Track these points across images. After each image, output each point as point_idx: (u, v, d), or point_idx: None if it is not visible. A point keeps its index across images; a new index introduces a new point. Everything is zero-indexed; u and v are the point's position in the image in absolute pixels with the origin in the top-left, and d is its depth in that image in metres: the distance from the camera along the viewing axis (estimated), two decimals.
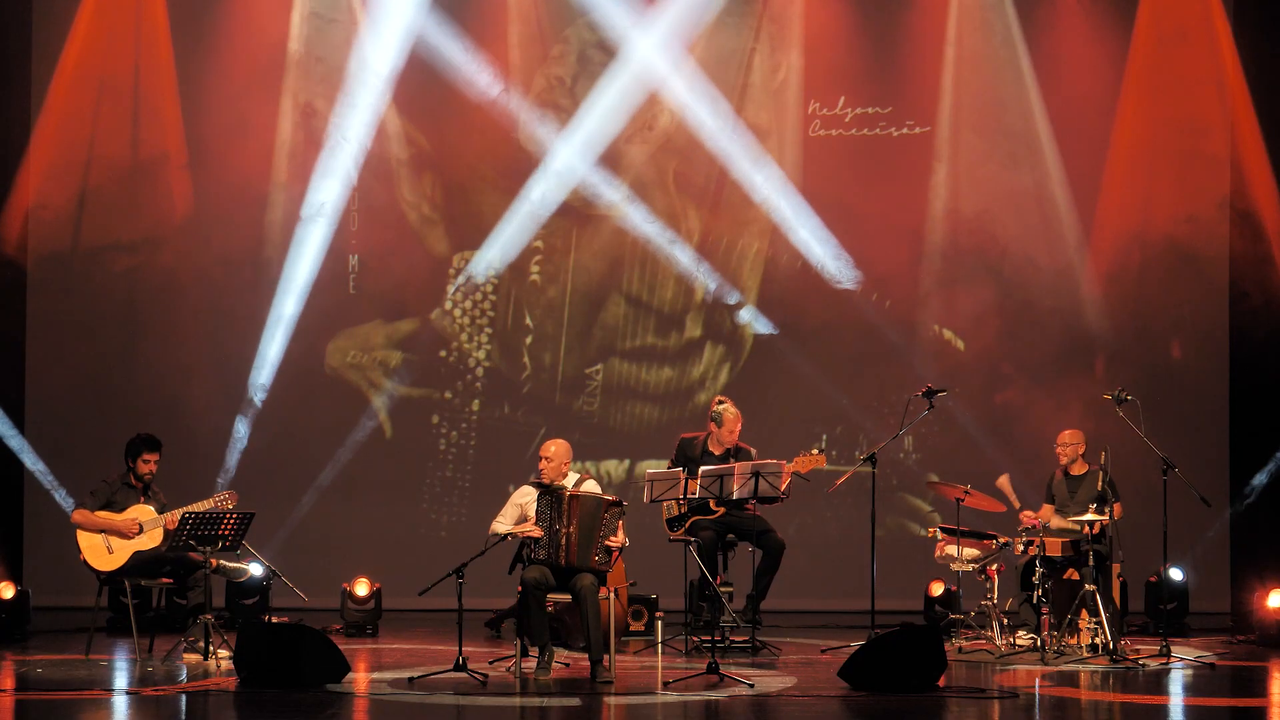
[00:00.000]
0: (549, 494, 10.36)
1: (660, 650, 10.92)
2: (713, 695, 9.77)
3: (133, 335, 14.42)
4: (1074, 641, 11.25)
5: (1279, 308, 13.99)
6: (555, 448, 10.60)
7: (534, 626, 10.33)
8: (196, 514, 10.83)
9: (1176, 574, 12.77)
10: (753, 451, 11.75)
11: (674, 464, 11.70)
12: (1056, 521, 11.72)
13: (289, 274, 14.41)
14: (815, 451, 11.59)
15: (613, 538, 10.37)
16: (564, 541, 10.28)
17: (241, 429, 14.30)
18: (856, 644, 10.64)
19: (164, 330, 14.38)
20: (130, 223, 14.40)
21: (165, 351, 14.32)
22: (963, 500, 11.70)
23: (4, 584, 12.40)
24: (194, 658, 10.92)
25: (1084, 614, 11.17)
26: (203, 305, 14.43)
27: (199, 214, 14.41)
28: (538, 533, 10.32)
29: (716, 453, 11.79)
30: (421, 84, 14.47)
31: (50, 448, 14.25)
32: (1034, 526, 11.48)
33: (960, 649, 11.51)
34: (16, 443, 14.13)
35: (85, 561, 11.23)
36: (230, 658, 10.23)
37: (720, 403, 11.89)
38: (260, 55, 14.43)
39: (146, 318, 14.42)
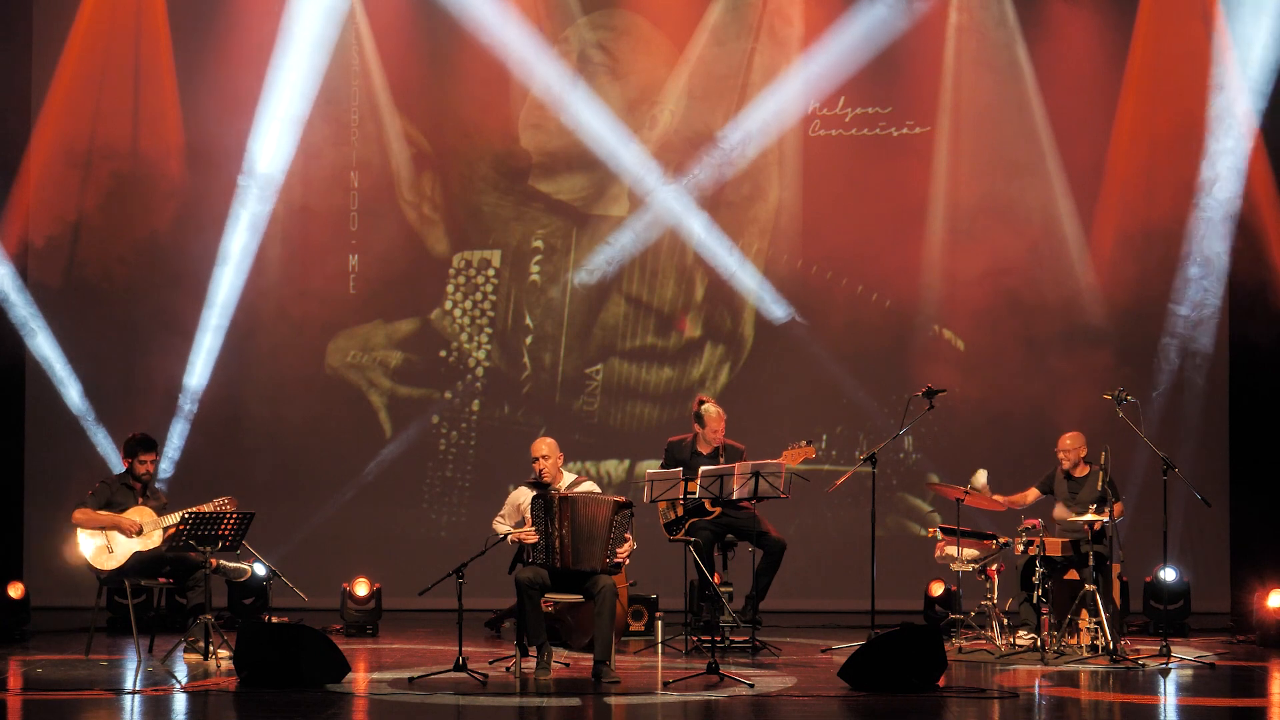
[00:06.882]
0: (541, 498, 10.35)
1: (660, 650, 10.91)
2: (713, 695, 9.76)
3: (134, 332, 14.44)
4: (1074, 641, 11.25)
5: (1279, 308, 13.98)
6: (548, 447, 10.59)
7: (531, 626, 10.32)
8: (196, 514, 10.81)
9: (1170, 574, 12.72)
10: (742, 448, 11.75)
11: (664, 468, 11.67)
12: (1060, 511, 11.71)
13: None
14: (804, 444, 11.59)
15: (620, 548, 10.35)
16: (558, 545, 10.27)
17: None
18: (856, 644, 10.63)
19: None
20: (131, 220, 14.38)
21: (168, 347, 14.35)
22: (963, 500, 11.71)
23: (13, 584, 12.41)
24: (194, 658, 10.92)
25: (1084, 614, 11.17)
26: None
27: (198, 210, 14.39)
28: (534, 538, 10.31)
29: (705, 452, 11.77)
30: (422, 84, 14.49)
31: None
32: (1034, 526, 11.48)
33: (960, 649, 11.50)
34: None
35: (85, 562, 11.23)
36: (230, 658, 10.22)
37: (701, 403, 11.89)
38: (260, 51, 14.42)
39: (148, 315, 14.42)
